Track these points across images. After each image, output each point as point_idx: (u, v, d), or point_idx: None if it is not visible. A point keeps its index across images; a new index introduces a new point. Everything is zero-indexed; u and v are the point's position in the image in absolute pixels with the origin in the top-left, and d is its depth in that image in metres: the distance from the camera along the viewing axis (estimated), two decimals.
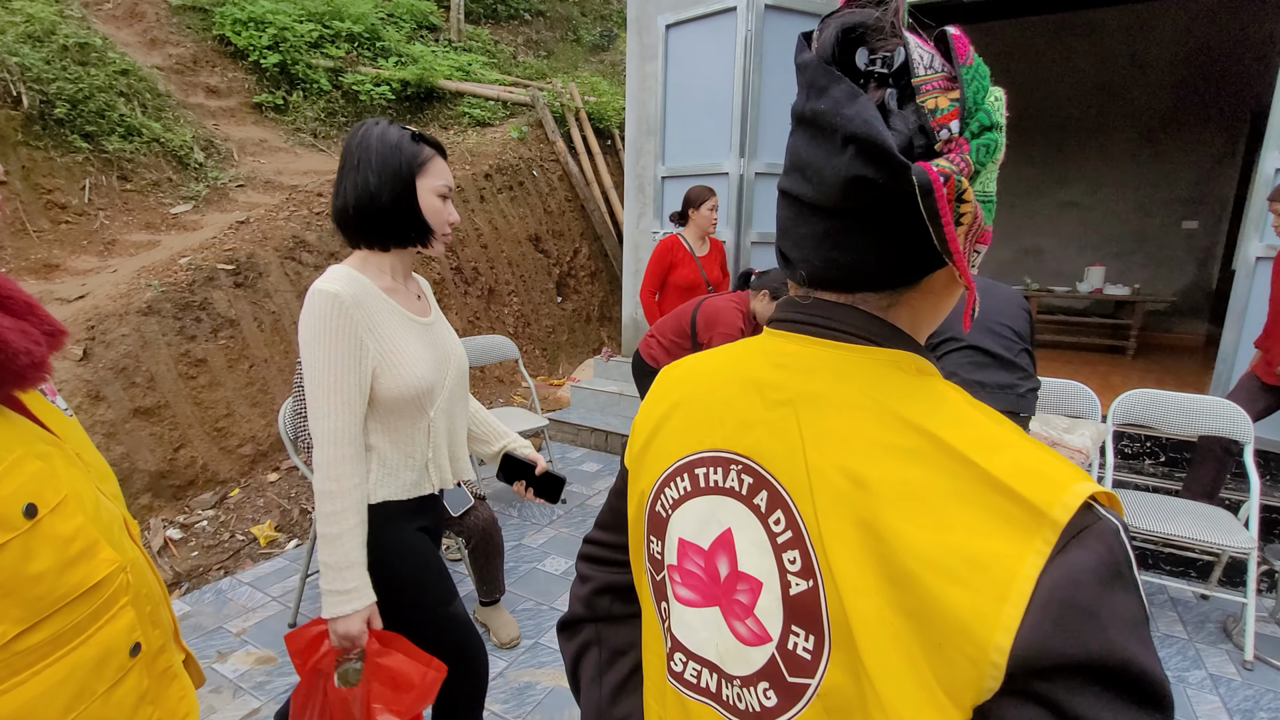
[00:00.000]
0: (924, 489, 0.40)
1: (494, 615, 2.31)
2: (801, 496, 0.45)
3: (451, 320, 4.92)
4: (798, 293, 0.52)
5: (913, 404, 0.44)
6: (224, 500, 3.25)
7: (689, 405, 0.56)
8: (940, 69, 0.41)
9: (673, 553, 0.55)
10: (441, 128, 6.52)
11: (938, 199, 0.38)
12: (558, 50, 9.38)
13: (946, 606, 0.37)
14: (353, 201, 1.15)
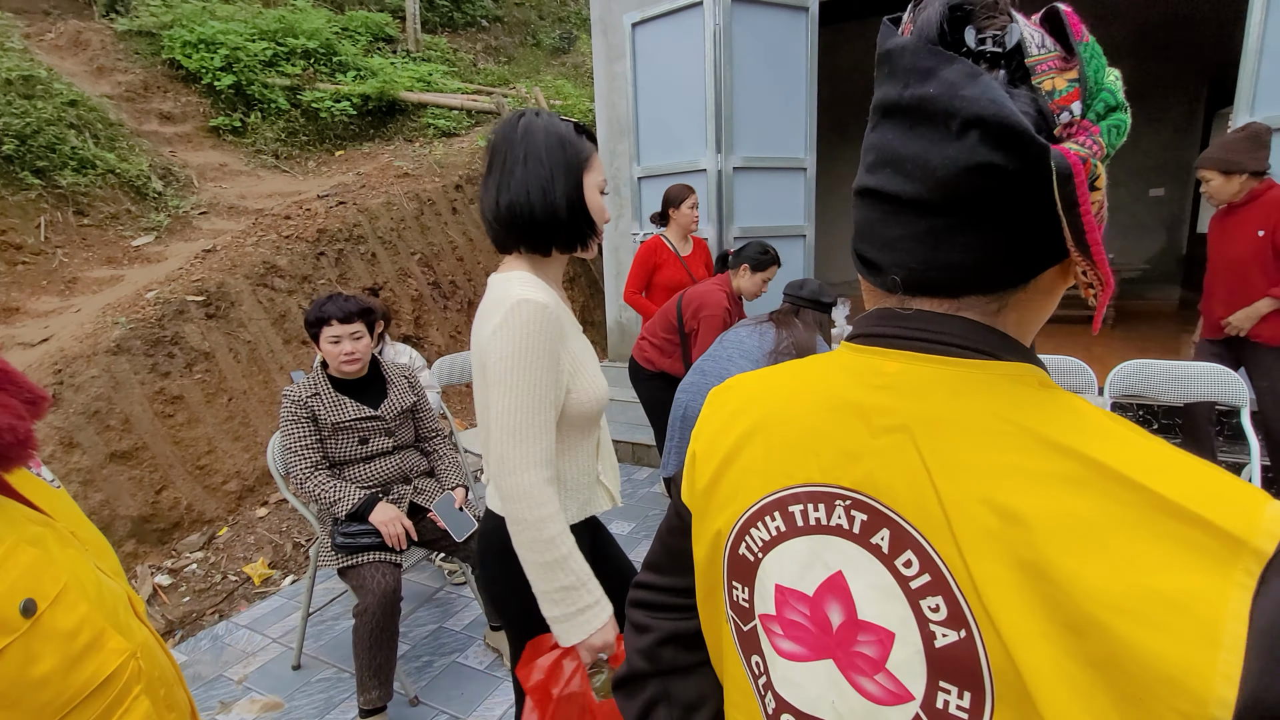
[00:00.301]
0: (1092, 521, 0.35)
1: (506, 640, 2.25)
2: (937, 535, 0.40)
3: (434, 337, 4.83)
4: (889, 302, 0.47)
5: (1053, 423, 0.39)
6: (212, 541, 3.13)
7: (768, 434, 0.50)
8: (1052, 48, 0.38)
9: (767, 601, 0.49)
10: (406, 140, 6.40)
11: (1078, 184, 0.34)
12: (518, 55, 9.28)
13: (1144, 656, 0.32)
14: (520, 200, 1.04)
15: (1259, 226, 2.47)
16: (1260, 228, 2.46)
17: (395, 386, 2.18)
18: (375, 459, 2.10)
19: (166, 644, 2.54)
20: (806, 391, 0.50)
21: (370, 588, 1.85)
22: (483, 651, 2.33)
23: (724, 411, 0.56)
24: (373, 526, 1.94)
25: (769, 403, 0.52)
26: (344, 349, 2.03)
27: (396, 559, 1.97)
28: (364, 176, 5.34)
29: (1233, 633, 0.31)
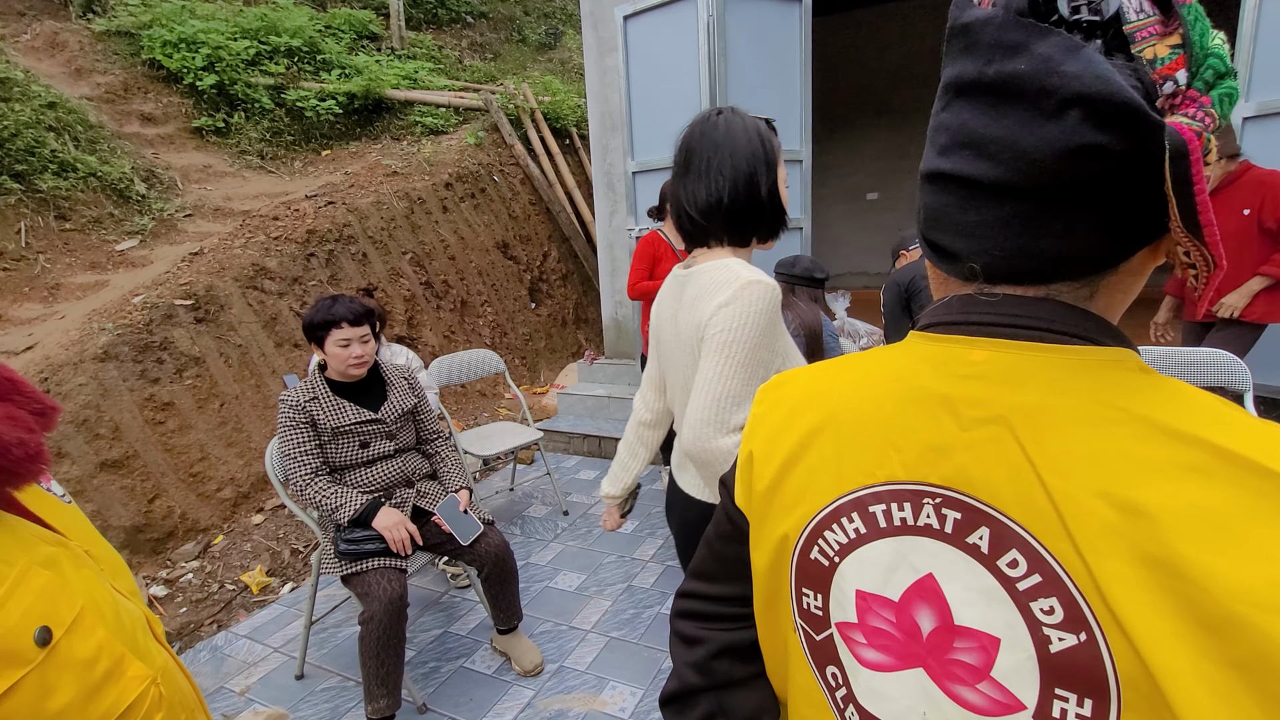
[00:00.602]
0: (1224, 512, 0.33)
1: (514, 643, 2.21)
2: (1048, 532, 0.37)
3: (427, 337, 4.77)
4: (971, 288, 0.44)
5: (1166, 408, 0.37)
6: (208, 549, 3.07)
7: (838, 430, 0.48)
8: (1151, 12, 0.35)
9: (847, 609, 0.46)
10: (394, 139, 6.32)
11: (1193, 163, 0.32)
12: (504, 51, 9.20)
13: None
14: (730, 194, 1.08)
15: (1244, 205, 2.50)
16: (1246, 206, 2.50)
17: (395, 388, 2.14)
18: (377, 463, 2.06)
19: None
20: (878, 384, 0.47)
21: (376, 594, 1.81)
22: (490, 656, 2.29)
23: (781, 408, 0.53)
24: (376, 532, 1.90)
25: (835, 397, 0.49)
26: (354, 352, 1.99)
27: (401, 564, 1.93)
28: (352, 176, 5.27)
29: None
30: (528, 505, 3.51)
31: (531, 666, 2.16)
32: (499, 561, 2.09)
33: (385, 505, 1.97)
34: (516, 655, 2.19)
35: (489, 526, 2.13)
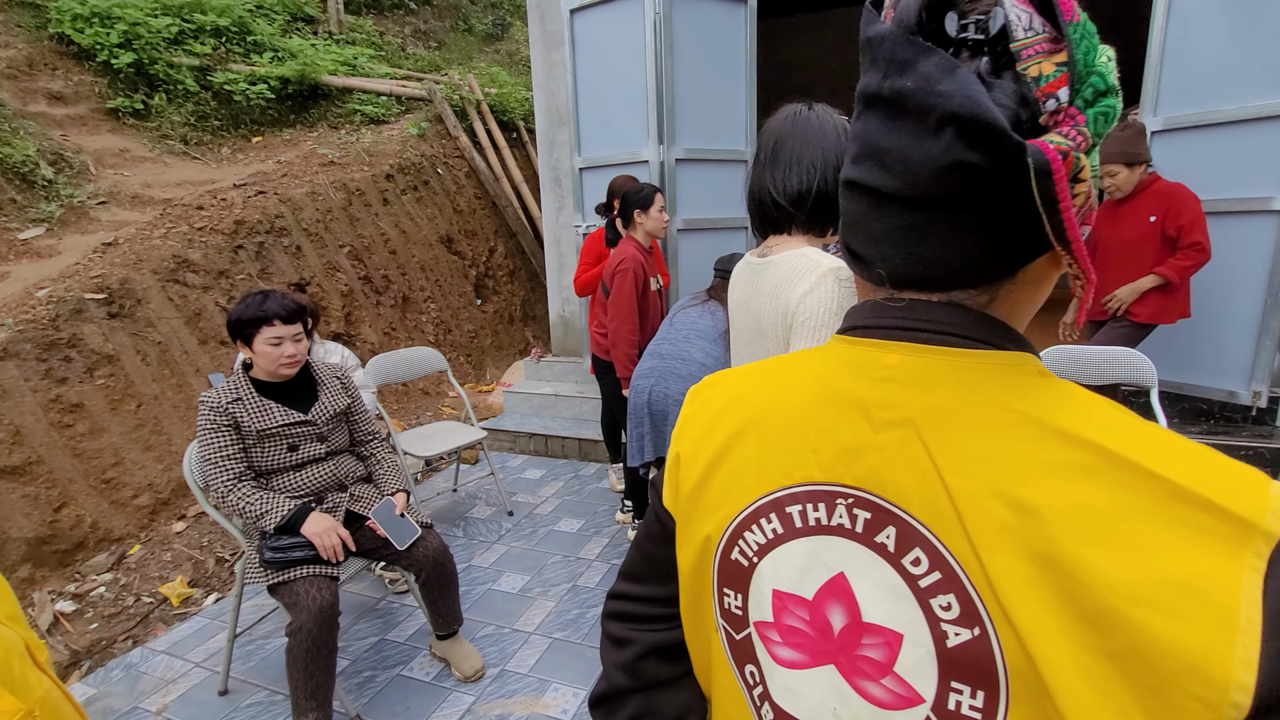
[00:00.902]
0: (1106, 510, 0.34)
1: (453, 648, 2.16)
2: (948, 531, 0.39)
3: (366, 334, 4.61)
4: (881, 294, 0.46)
5: (1060, 411, 0.38)
6: (123, 560, 2.88)
7: (760, 432, 0.48)
8: (1041, 29, 0.36)
9: (763, 608, 0.47)
10: (331, 127, 6.07)
11: (1056, 181, 0.33)
12: (449, 41, 8.97)
13: (1164, 644, 0.32)
14: (820, 185, 1.12)
15: (1152, 213, 2.69)
16: (1153, 214, 2.69)
17: (327, 388, 2.05)
18: (307, 466, 1.97)
19: (73, 676, 2.31)
20: (800, 386, 0.48)
21: (304, 604, 1.73)
22: (428, 662, 2.23)
23: (709, 410, 0.53)
24: (305, 539, 1.81)
25: (760, 399, 0.50)
26: (286, 351, 1.89)
27: (333, 571, 1.85)
28: (285, 165, 5.03)
29: (1248, 616, 0.31)
30: (471, 506, 3.43)
31: (472, 671, 2.11)
32: (437, 566, 2.04)
33: (315, 510, 1.89)
34: (456, 661, 2.14)
35: (427, 530, 2.07)
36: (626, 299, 2.62)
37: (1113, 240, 2.84)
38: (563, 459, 4.05)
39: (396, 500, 2.05)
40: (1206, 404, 3.22)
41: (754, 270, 1.23)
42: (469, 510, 3.39)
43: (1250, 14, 2.78)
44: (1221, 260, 2.91)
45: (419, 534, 2.01)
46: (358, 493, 2.07)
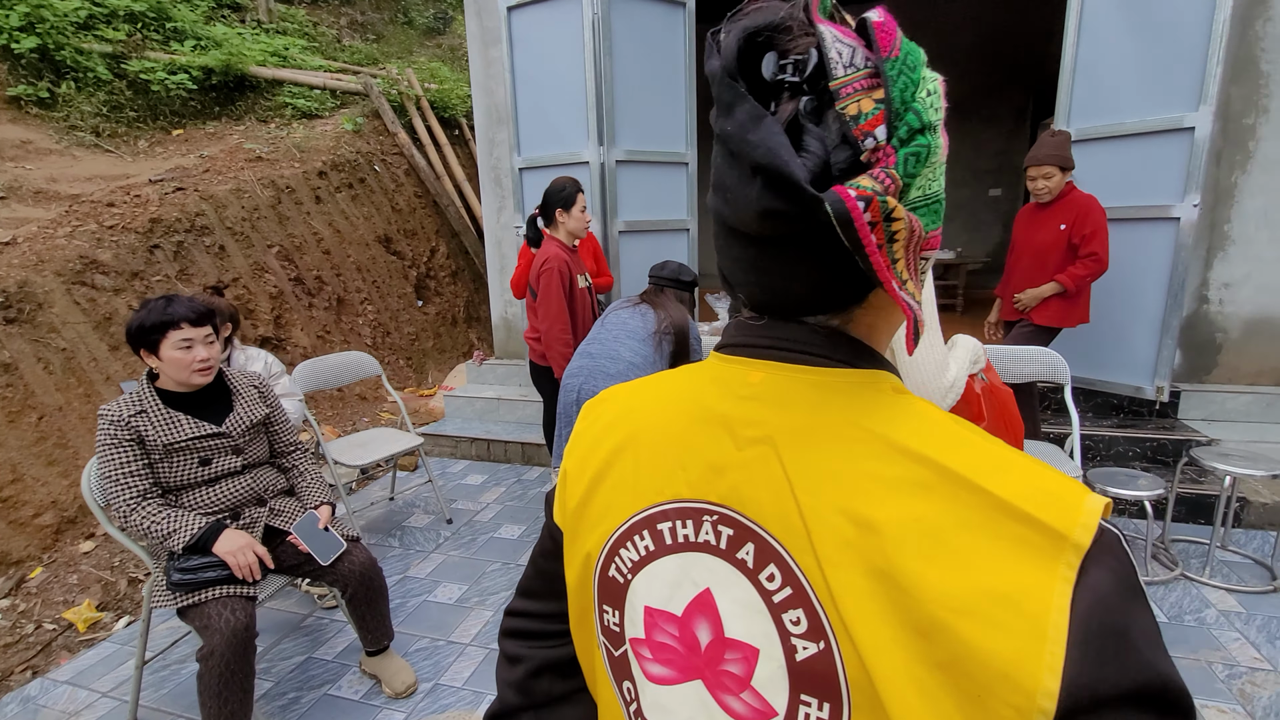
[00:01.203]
0: (937, 525, 0.36)
1: (384, 664, 2.09)
2: (798, 547, 0.39)
3: (297, 337, 4.43)
4: (748, 314, 0.46)
5: (904, 429, 0.39)
6: (22, 585, 2.67)
7: (638, 448, 0.48)
8: (863, 65, 0.36)
9: (637, 625, 0.47)
10: (260, 121, 5.80)
11: (859, 229, 0.34)
12: (388, 34, 8.71)
13: (982, 654, 0.33)
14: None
15: (1063, 221, 2.83)
16: (1064, 222, 2.82)
17: (242, 397, 1.94)
18: (221, 481, 1.87)
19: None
20: (676, 403, 0.48)
21: (216, 627, 1.64)
22: (358, 679, 2.15)
23: (596, 426, 0.53)
24: (218, 558, 1.72)
25: (640, 416, 0.50)
26: (198, 355, 1.78)
27: (250, 591, 1.76)
28: (208, 159, 4.78)
29: (1056, 625, 0.32)
30: (408, 515, 3.34)
31: (403, 687, 2.05)
32: (365, 580, 1.96)
33: (229, 527, 1.79)
34: (387, 677, 2.07)
35: (353, 543, 1.99)
36: (555, 299, 2.59)
37: (1028, 244, 2.98)
38: (505, 464, 3.98)
39: (320, 513, 1.97)
40: (1117, 399, 3.42)
41: None
42: (406, 519, 3.29)
43: (1152, 34, 2.96)
44: (1128, 264, 3.10)
45: (344, 548, 1.93)
46: (278, 507, 1.97)
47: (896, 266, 0.37)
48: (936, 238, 0.41)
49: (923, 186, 0.38)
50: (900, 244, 0.36)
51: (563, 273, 2.60)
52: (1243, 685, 1.96)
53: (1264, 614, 2.29)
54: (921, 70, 0.37)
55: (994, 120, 7.28)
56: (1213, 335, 3.39)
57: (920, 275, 0.42)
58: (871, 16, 0.37)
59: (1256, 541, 2.75)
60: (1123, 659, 0.33)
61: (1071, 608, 0.33)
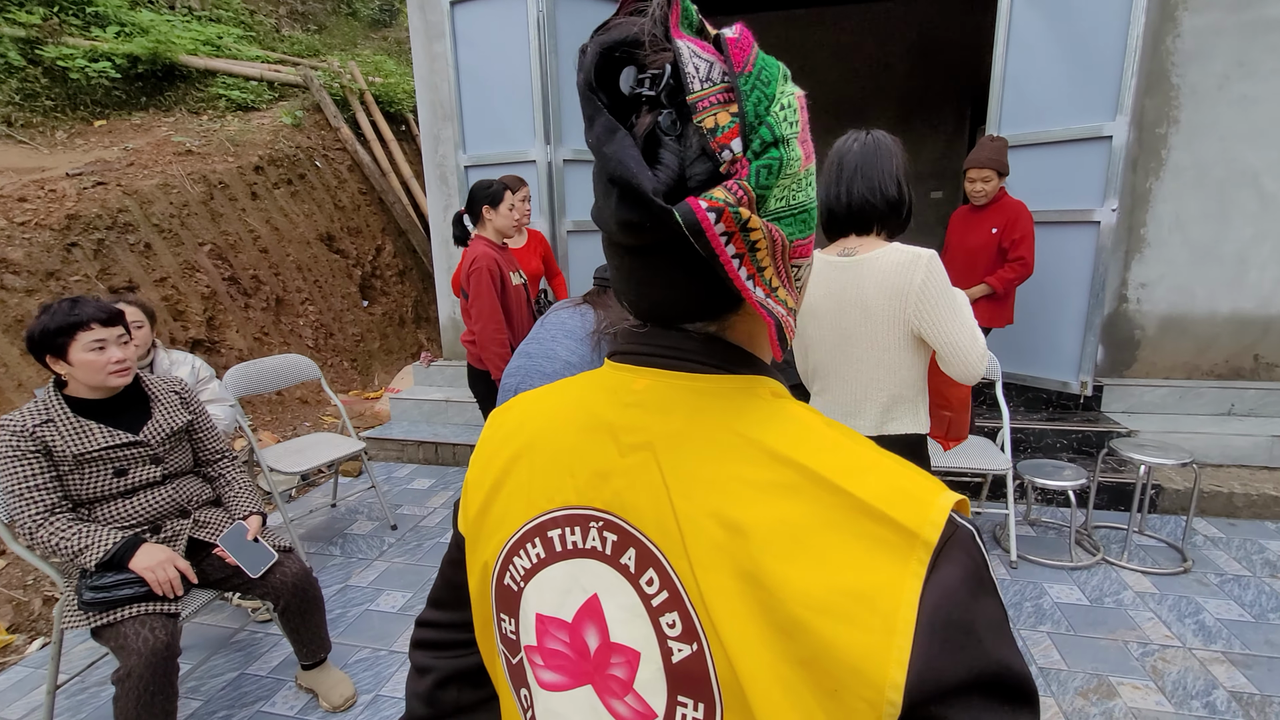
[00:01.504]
0: (801, 526, 0.37)
1: (321, 677, 2.02)
2: (674, 551, 0.40)
3: (233, 339, 4.25)
4: (634, 321, 0.47)
5: (775, 433, 0.40)
6: None
7: (532, 456, 0.49)
8: (720, 79, 0.36)
9: (530, 632, 0.48)
10: (191, 112, 5.54)
11: (710, 239, 0.34)
12: (330, 25, 8.44)
13: (838, 650, 0.34)
14: (905, 195, 1.47)
15: (994, 225, 2.94)
16: (995, 226, 2.93)
17: (161, 404, 1.85)
18: (138, 492, 1.77)
19: None
20: (568, 411, 0.49)
21: (133, 647, 1.55)
22: (294, 694, 2.08)
23: (499, 434, 0.53)
24: (135, 575, 1.63)
25: (536, 424, 0.51)
26: (112, 356, 1.69)
27: (171, 608, 1.68)
28: (133, 153, 4.53)
29: (905, 619, 0.34)
30: (351, 522, 3.24)
31: (341, 700, 1.99)
32: (298, 591, 1.89)
33: (148, 541, 1.70)
34: (324, 690, 2.01)
35: (285, 554, 1.92)
36: (487, 299, 2.54)
37: (961, 245, 3.09)
38: (454, 467, 3.91)
39: (249, 524, 1.89)
40: (1046, 394, 3.59)
41: (841, 267, 1.49)
42: (348, 526, 3.19)
43: (1074, 47, 3.11)
44: (1054, 265, 3.25)
45: (275, 559, 1.86)
46: (203, 518, 1.88)
47: (764, 274, 0.38)
48: (807, 246, 0.42)
49: (784, 197, 0.39)
50: (764, 252, 0.37)
51: (493, 271, 2.55)
52: (1154, 662, 2.09)
53: (1175, 594, 2.44)
54: (777, 86, 0.38)
55: (936, 125, 7.53)
56: (1132, 332, 3.59)
57: (796, 282, 0.43)
58: (726, 33, 0.38)
59: (1170, 526, 2.92)
60: (967, 650, 0.34)
61: (920, 603, 0.34)
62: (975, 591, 0.36)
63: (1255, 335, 3.45)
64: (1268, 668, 2.04)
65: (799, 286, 0.44)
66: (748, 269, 0.37)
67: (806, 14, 7.33)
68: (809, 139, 0.41)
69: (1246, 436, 3.22)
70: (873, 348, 1.50)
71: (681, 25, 0.38)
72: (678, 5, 0.37)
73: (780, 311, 0.39)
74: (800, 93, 0.40)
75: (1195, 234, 3.39)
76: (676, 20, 0.37)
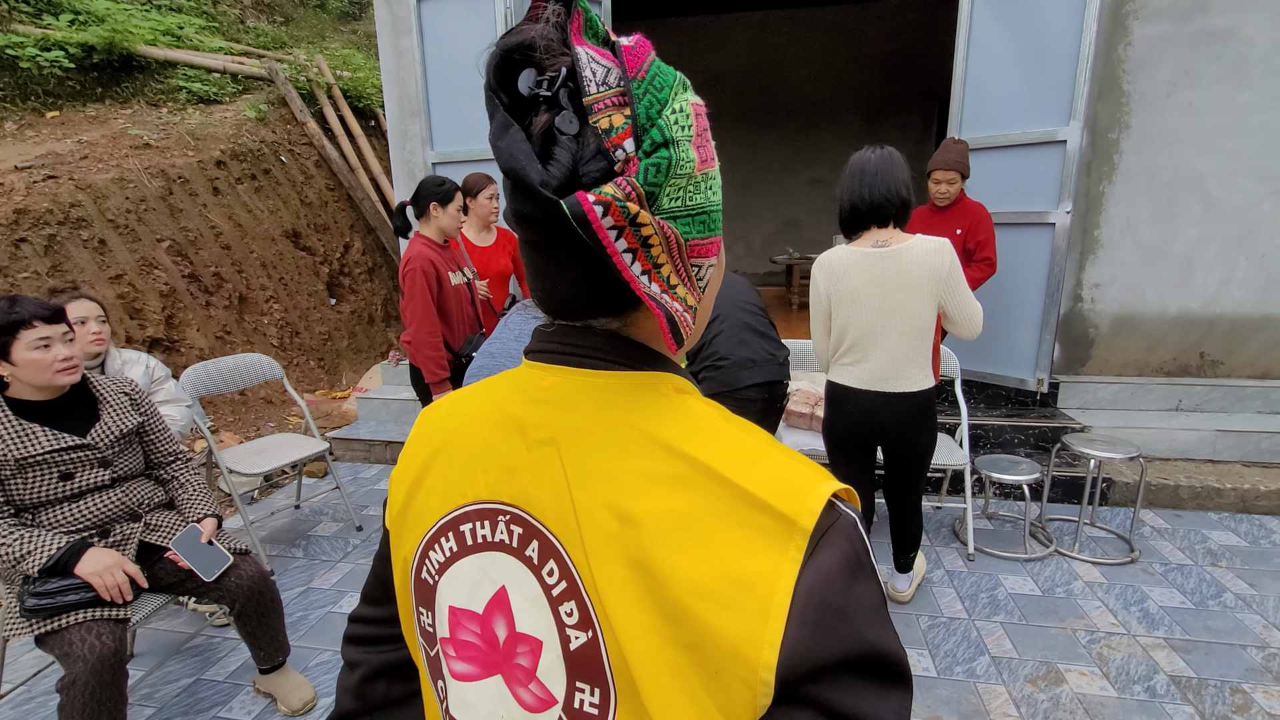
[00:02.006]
0: (689, 516, 0.38)
1: (279, 681, 1.99)
2: (572, 542, 0.42)
3: (193, 338, 4.16)
4: (546, 320, 0.49)
5: (671, 427, 0.42)
6: None
7: (449, 452, 0.50)
8: (616, 84, 0.38)
9: (444, 624, 0.49)
10: (150, 104, 5.39)
11: (596, 230, 0.36)
12: (298, 17, 8.27)
13: (718, 633, 0.36)
14: (909, 197, 1.90)
15: (958, 226, 3.00)
16: (959, 227, 3.00)
17: (110, 406, 1.81)
18: (86, 496, 1.73)
19: None
20: (484, 408, 0.50)
21: (79, 654, 1.52)
22: (251, 699, 2.04)
23: (422, 431, 0.54)
24: (82, 580, 1.59)
25: (455, 421, 0.52)
26: (59, 354, 1.64)
27: (119, 614, 1.64)
28: (87, 145, 4.40)
29: (779, 604, 0.35)
30: (315, 524, 3.19)
31: (300, 705, 1.96)
32: (254, 594, 1.87)
33: (95, 546, 1.66)
34: (283, 695, 1.98)
35: (241, 556, 1.89)
36: (419, 300, 2.51)
37: None
38: None
39: (203, 526, 1.86)
40: (1005, 390, 3.69)
41: (879, 256, 1.89)
42: (312, 528, 3.15)
43: (1030, 54, 3.19)
44: (1012, 265, 3.34)
45: (230, 561, 1.83)
46: (155, 521, 1.85)
47: (661, 271, 0.40)
48: (708, 247, 0.43)
49: (679, 197, 0.40)
50: (659, 249, 0.39)
51: (428, 272, 2.51)
52: (1101, 649, 2.16)
53: (1122, 583, 2.53)
54: (671, 92, 0.39)
55: (904, 129, 7.67)
56: (1086, 331, 3.70)
57: (699, 282, 0.44)
58: (623, 41, 0.39)
59: (1120, 518, 3.02)
60: (838, 632, 0.36)
61: (795, 587, 0.36)
62: (851, 576, 0.37)
63: (1201, 333, 3.58)
64: (1205, 652, 2.13)
65: (702, 286, 0.45)
66: (642, 264, 0.39)
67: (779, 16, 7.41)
68: (709, 144, 0.42)
69: (1192, 431, 3.34)
70: (913, 320, 1.91)
71: (585, 34, 0.39)
72: (580, 14, 0.39)
73: (676, 307, 0.41)
74: (698, 101, 0.41)
75: (1145, 236, 3.51)
76: (578, 28, 0.39)
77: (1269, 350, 3.55)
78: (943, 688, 2.01)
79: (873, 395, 1.99)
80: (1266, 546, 2.78)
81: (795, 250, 7.39)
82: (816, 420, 2.87)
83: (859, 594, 0.37)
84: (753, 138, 7.94)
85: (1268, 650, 2.14)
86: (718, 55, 7.68)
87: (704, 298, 0.47)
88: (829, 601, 0.36)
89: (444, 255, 2.62)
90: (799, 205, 8.09)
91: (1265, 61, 3.26)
